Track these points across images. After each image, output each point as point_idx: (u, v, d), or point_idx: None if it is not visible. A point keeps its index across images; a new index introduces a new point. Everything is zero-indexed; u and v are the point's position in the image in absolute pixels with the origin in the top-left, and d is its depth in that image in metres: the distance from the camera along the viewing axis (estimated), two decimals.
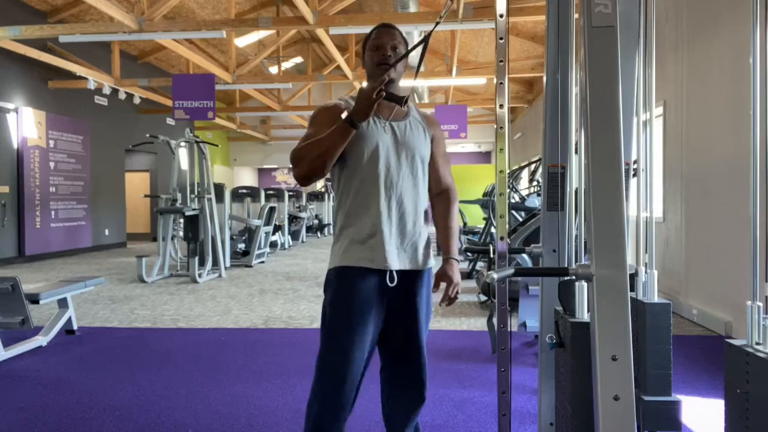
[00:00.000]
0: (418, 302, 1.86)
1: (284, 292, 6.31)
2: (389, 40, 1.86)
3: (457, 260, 1.88)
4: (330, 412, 1.76)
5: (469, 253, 8.94)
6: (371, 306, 1.77)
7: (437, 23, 1.94)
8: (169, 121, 14.74)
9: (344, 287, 1.77)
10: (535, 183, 8.25)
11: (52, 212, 10.28)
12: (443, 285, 2.04)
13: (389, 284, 1.78)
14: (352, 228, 1.80)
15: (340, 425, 1.79)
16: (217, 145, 9.12)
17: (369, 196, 1.80)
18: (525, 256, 5.18)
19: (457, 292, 1.85)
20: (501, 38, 1.84)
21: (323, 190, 17.03)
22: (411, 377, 1.91)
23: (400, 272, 1.82)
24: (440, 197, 1.97)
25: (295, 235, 13.50)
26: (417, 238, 1.86)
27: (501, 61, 1.85)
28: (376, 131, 1.83)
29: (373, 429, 2.54)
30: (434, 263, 1.93)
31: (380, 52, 1.84)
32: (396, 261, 1.80)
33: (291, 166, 1.78)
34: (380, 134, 1.83)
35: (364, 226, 1.79)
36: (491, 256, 3.82)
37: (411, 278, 1.85)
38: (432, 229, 2.08)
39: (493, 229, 7.97)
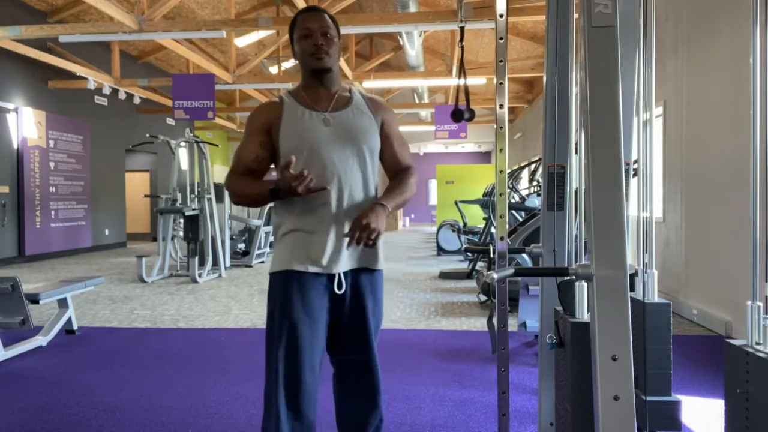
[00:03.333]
0: (366, 303, 1.76)
1: None
2: (318, 25, 1.70)
3: (384, 206, 1.66)
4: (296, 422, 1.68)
5: (469, 253, 8.94)
6: (319, 308, 1.69)
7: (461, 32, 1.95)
8: (169, 121, 14.74)
9: (293, 292, 1.67)
10: (535, 183, 8.25)
11: (52, 212, 10.28)
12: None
13: (337, 291, 1.71)
14: (298, 230, 1.70)
15: None
16: (217, 145, 9.12)
17: (315, 197, 1.68)
18: (525, 256, 5.19)
19: (370, 237, 1.60)
20: (501, 38, 1.84)
21: None
22: (363, 383, 1.81)
23: (349, 272, 1.74)
24: (397, 174, 1.85)
25: None
26: None
27: (501, 61, 1.85)
28: (313, 125, 1.71)
29: None
30: (383, 267, 1.84)
31: (311, 41, 1.69)
32: (343, 263, 1.71)
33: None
34: (318, 128, 1.70)
35: (311, 228, 1.69)
36: (491, 256, 3.82)
37: (360, 278, 1.76)
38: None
39: (493, 229, 7.97)
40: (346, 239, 1.68)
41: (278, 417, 1.65)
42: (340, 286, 1.71)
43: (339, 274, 1.71)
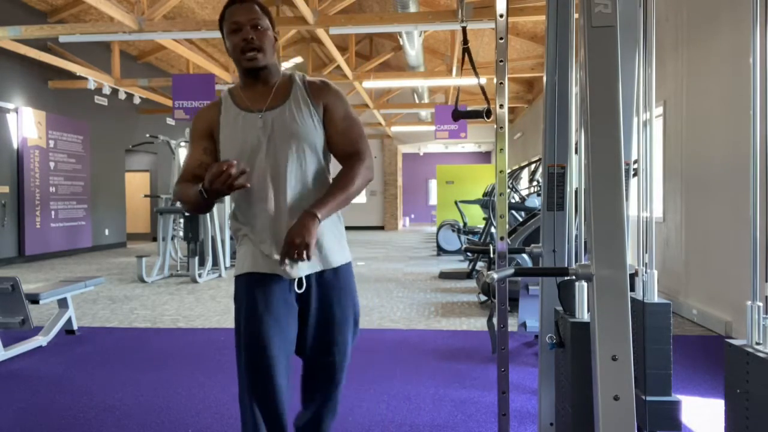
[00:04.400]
0: (332, 306, 1.72)
1: None
2: (246, 18, 1.60)
3: (313, 215, 1.55)
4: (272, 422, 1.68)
5: (469, 253, 8.94)
6: (282, 307, 1.65)
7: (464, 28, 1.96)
8: (169, 121, 14.73)
9: (255, 292, 1.64)
10: (535, 183, 8.25)
11: (52, 212, 10.28)
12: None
13: (297, 290, 1.68)
14: (249, 236, 1.69)
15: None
16: None
17: (256, 201, 1.64)
18: (525, 256, 5.19)
19: (299, 253, 1.52)
20: (501, 38, 1.84)
21: None
22: (323, 382, 1.80)
23: (313, 274, 1.70)
24: (346, 161, 1.70)
25: None
26: (318, 236, 1.68)
27: (501, 61, 1.85)
28: (248, 130, 1.64)
29: (374, 428, 2.55)
30: (349, 258, 1.79)
31: (241, 36, 1.59)
32: (301, 266, 1.65)
33: None
34: (254, 132, 1.64)
35: (258, 233, 1.66)
36: (491, 256, 3.83)
37: (323, 278, 1.72)
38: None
39: (493, 229, 7.97)
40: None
41: (252, 415, 1.64)
42: (300, 285, 1.68)
43: (302, 278, 1.68)
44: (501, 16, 1.83)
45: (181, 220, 8.14)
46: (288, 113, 1.65)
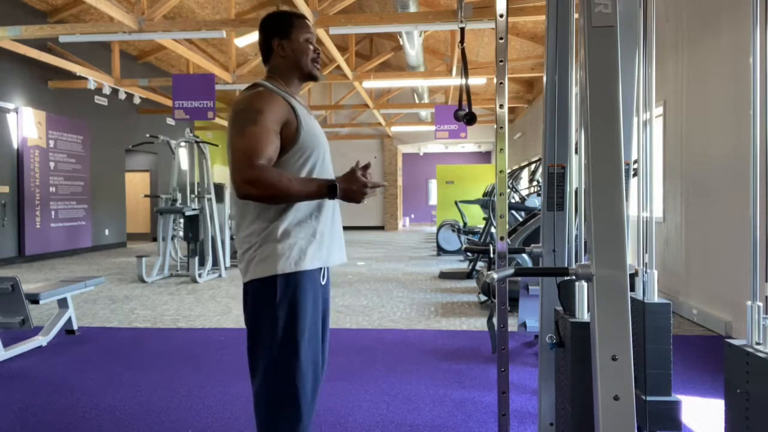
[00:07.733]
0: (328, 296, 1.88)
1: None
2: (315, 39, 1.88)
3: None
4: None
5: (469, 253, 8.94)
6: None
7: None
8: (169, 121, 14.73)
9: (309, 293, 1.67)
10: (535, 183, 8.25)
11: (52, 212, 10.27)
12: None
13: (321, 282, 1.77)
14: (302, 231, 1.67)
15: None
16: (217, 145, 9.11)
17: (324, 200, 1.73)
18: (525, 256, 5.19)
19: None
20: (501, 38, 1.84)
21: None
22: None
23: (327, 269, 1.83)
24: None
25: None
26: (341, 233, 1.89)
27: (501, 61, 1.85)
28: (319, 127, 1.79)
29: (374, 428, 2.55)
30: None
31: (313, 48, 1.79)
32: (336, 257, 1.80)
33: (241, 175, 1.53)
34: (321, 130, 1.80)
35: (316, 227, 1.70)
36: (491, 256, 3.82)
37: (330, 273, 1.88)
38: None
39: (493, 229, 7.97)
40: (337, 235, 1.80)
41: (302, 417, 1.69)
42: (323, 277, 1.78)
43: (326, 268, 1.80)
44: (501, 16, 1.83)
45: (181, 220, 8.14)
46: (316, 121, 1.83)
